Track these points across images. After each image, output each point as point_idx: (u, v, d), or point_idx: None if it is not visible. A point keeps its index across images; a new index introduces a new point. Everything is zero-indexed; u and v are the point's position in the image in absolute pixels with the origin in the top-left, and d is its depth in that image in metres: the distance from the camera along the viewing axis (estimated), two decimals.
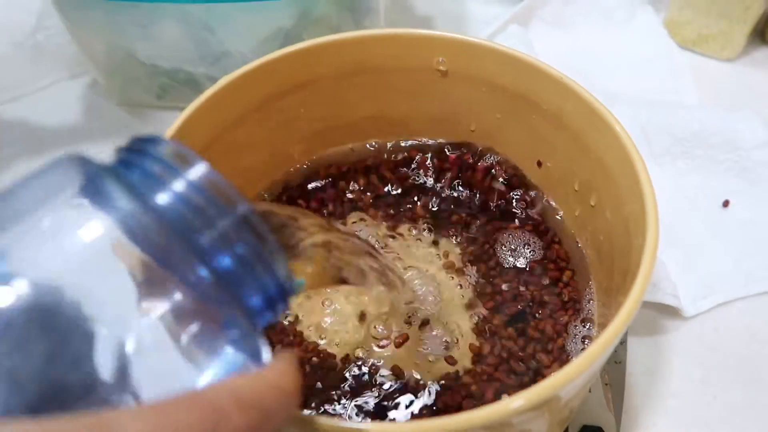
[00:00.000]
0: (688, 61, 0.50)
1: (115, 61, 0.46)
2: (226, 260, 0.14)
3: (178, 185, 0.14)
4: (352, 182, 0.35)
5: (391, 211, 0.34)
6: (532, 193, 0.34)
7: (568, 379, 0.20)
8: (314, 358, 0.29)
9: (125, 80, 0.47)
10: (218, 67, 0.44)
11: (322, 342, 0.29)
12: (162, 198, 0.14)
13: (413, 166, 0.36)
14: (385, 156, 0.36)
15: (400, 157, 0.36)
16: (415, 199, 0.35)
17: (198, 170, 0.15)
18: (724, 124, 0.40)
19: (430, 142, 0.36)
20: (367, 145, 0.36)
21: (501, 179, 0.34)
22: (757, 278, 0.36)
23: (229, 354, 0.15)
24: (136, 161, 0.15)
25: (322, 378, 0.28)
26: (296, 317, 0.30)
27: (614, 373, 0.33)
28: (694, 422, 0.31)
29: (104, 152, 0.45)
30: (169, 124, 0.47)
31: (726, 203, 0.39)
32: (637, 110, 0.42)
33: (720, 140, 0.40)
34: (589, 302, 0.30)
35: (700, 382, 0.33)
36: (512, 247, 0.33)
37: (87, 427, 0.10)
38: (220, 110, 0.30)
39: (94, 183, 0.15)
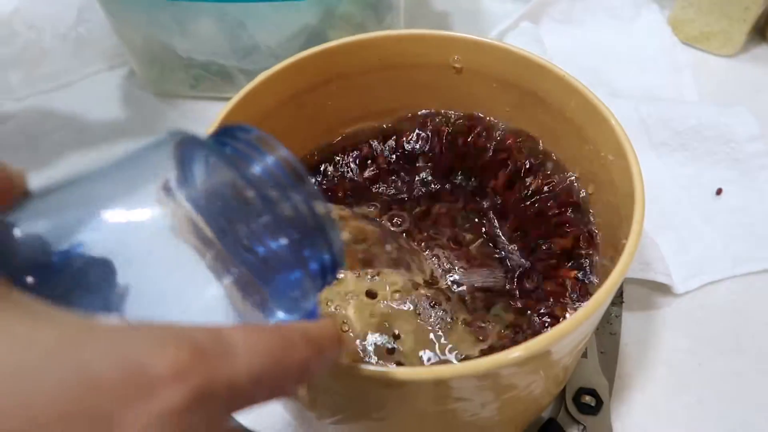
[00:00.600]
0: (689, 57, 0.53)
1: (152, 54, 0.49)
2: (298, 228, 0.17)
3: (264, 162, 0.18)
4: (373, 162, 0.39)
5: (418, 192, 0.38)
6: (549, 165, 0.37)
7: (559, 336, 0.23)
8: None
9: (161, 71, 0.51)
10: (248, 60, 0.48)
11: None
12: (252, 170, 0.18)
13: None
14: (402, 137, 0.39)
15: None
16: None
17: (279, 152, 0.18)
18: (719, 119, 0.43)
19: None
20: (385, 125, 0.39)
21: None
22: (743, 260, 0.39)
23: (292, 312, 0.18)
24: (230, 142, 0.18)
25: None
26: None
27: (609, 343, 0.36)
28: (681, 386, 0.35)
29: (140, 138, 0.49)
30: (201, 113, 0.51)
31: (719, 191, 0.42)
32: (639, 104, 0.46)
33: (715, 134, 0.43)
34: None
35: (687, 351, 0.36)
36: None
37: (202, 333, 0.14)
38: (256, 103, 0.33)
39: (191, 156, 0.18)
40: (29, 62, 0.54)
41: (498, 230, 0.36)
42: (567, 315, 0.32)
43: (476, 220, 0.36)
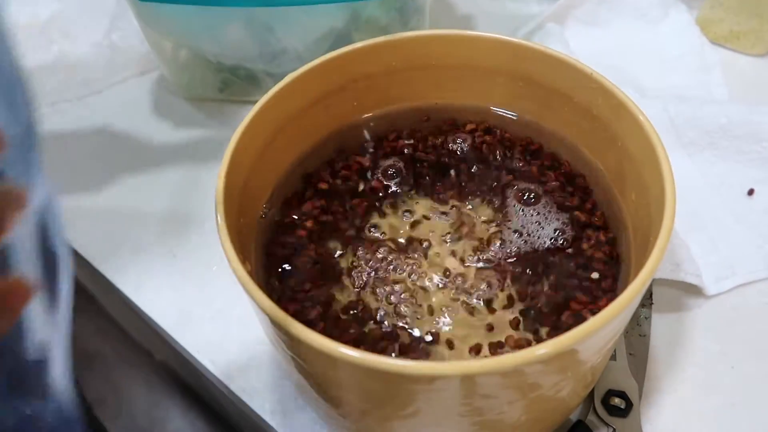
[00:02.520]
0: (718, 56, 0.52)
1: (182, 59, 0.51)
2: None
3: None
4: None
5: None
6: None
7: (585, 335, 0.23)
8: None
9: (191, 76, 0.52)
10: (275, 64, 0.49)
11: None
12: None
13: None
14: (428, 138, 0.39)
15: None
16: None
17: None
18: (750, 118, 0.42)
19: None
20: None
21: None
22: None
23: None
24: None
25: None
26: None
27: (638, 344, 0.36)
28: (712, 389, 0.34)
29: (173, 140, 0.50)
30: (229, 116, 0.52)
31: (751, 192, 0.42)
32: (667, 104, 0.45)
33: (745, 132, 0.42)
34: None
35: (719, 353, 0.36)
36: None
37: None
38: (283, 105, 0.34)
39: None
40: (64, 69, 0.55)
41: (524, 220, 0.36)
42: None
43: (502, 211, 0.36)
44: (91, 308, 0.47)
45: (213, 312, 0.39)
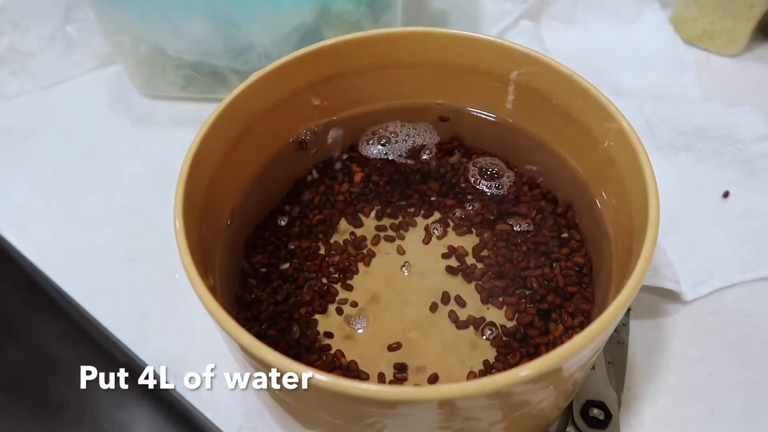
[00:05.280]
0: (692, 56, 0.52)
1: (142, 54, 0.48)
2: None
3: None
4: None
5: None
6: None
7: (572, 352, 0.21)
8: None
9: (151, 72, 0.49)
10: (241, 60, 0.46)
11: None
12: None
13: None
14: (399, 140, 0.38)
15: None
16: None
17: None
18: (725, 119, 0.42)
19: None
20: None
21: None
22: (753, 265, 0.38)
23: None
24: None
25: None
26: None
27: (617, 352, 0.35)
28: (692, 397, 0.34)
29: (131, 138, 0.48)
30: (191, 114, 0.50)
31: (726, 194, 0.41)
32: (643, 104, 0.44)
33: (721, 134, 0.42)
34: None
35: (698, 360, 0.35)
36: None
37: None
38: (249, 103, 0.32)
39: None
40: (15, 62, 0.52)
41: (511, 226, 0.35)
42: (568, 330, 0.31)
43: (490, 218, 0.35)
44: (51, 311, 0.44)
45: (176, 323, 0.37)
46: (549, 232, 0.34)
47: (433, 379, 0.30)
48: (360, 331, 0.32)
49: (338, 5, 0.44)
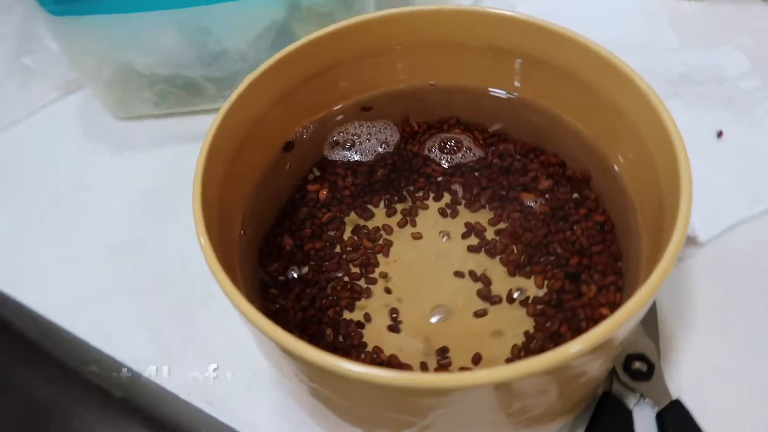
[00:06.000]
0: (662, 4, 0.52)
1: (110, 75, 0.46)
2: None
3: None
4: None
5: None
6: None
7: (622, 322, 0.21)
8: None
9: (122, 92, 0.47)
10: (215, 67, 0.45)
11: None
12: None
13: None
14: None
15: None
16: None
17: None
18: (708, 60, 0.42)
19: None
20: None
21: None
22: (759, 198, 0.39)
23: None
24: None
25: None
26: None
27: None
28: (726, 335, 0.34)
29: (111, 168, 0.45)
30: (171, 130, 0.48)
31: (720, 134, 0.42)
32: (621, 57, 0.44)
33: (706, 76, 0.42)
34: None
35: (723, 299, 0.35)
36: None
37: None
38: (247, 107, 0.31)
39: None
40: None
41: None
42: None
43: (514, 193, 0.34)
44: (40, 358, 0.42)
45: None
46: (563, 196, 0.34)
47: (477, 359, 0.29)
48: (391, 323, 0.31)
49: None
